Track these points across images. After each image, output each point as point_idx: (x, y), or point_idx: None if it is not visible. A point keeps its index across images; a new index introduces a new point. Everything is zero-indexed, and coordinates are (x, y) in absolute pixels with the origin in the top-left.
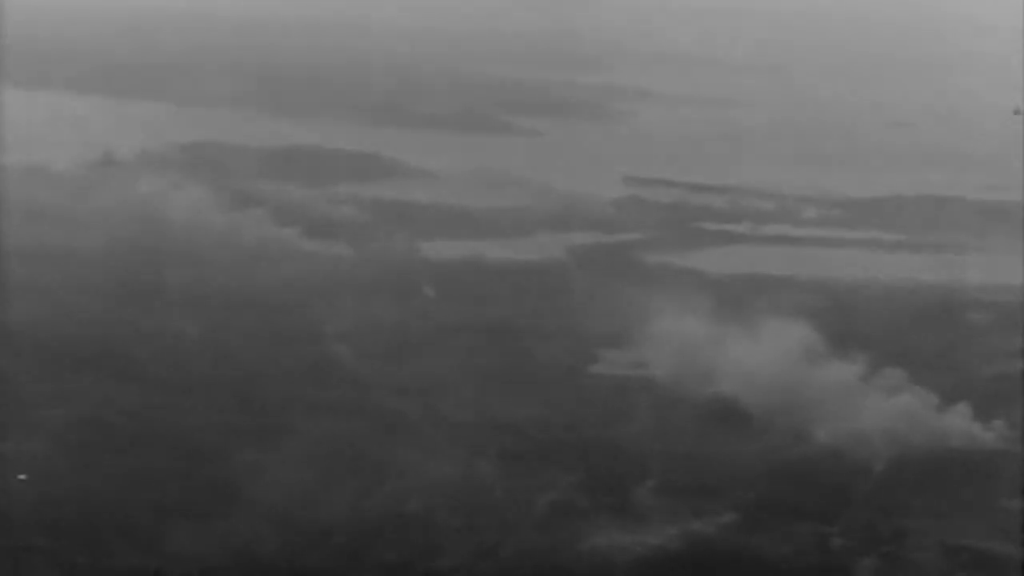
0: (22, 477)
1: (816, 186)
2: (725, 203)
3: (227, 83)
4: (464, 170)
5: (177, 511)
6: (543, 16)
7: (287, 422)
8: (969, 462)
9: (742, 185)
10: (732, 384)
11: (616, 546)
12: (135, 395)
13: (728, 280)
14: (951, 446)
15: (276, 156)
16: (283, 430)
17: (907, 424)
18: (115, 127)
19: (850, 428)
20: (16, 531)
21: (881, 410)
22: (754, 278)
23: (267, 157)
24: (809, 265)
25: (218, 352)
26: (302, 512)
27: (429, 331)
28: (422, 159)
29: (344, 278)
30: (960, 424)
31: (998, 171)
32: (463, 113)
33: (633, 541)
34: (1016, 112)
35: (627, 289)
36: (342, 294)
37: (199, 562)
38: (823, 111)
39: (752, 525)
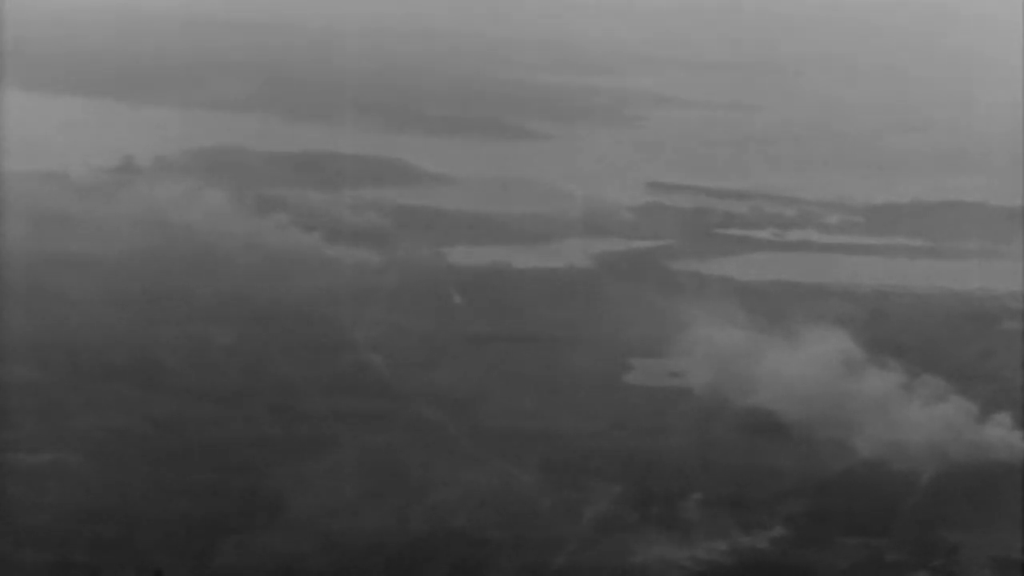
0: None
1: (836, 191)
2: (747, 209)
3: (241, 87)
4: (483, 176)
5: (221, 525)
6: (551, 20)
7: (324, 433)
8: (1013, 472)
9: (763, 190)
10: (769, 394)
11: (667, 561)
12: (168, 405)
13: (757, 287)
14: (994, 457)
15: (294, 161)
16: (321, 442)
17: (948, 435)
18: (131, 132)
19: (891, 439)
20: (56, 546)
21: (921, 420)
22: (783, 285)
23: (285, 162)
24: (837, 272)
25: (250, 361)
26: (346, 526)
27: (460, 340)
28: (439, 164)
29: (371, 285)
30: (1001, 434)
31: (1016, 176)
32: (478, 118)
33: (683, 556)
34: None
35: (656, 297)
36: (370, 301)
37: None
38: (837, 115)
39: (803, 539)
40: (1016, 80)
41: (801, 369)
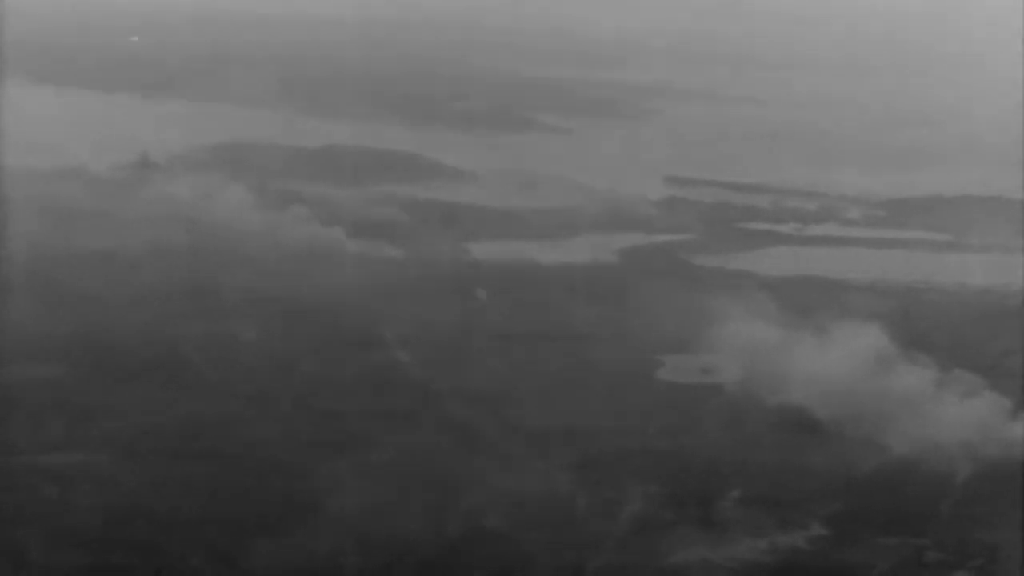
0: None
1: (855, 185)
2: (768, 203)
3: (255, 81)
4: (501, 170)
5: (254, 527)
6: (560, 12)
7: (356, 433)
8: None
9: (782, 184)
10: (801, 391)
11: (706, 561)
12: (196, 405)
13: (782, 283)
14: None
15: (311, 156)
16: (353, 441)
17: (982, 432)
18: (147, 127)
19: (925, 436)
20: (89, 548)
21: (954, 417)
22: (808, 280)
23: (302, 157)
24: (862, 267)
25: (277, 359)
26: (381, 527)
27: (487, 337)
28: (457, 158)
29: (395, 281)
30: None
31: None
32: (493, 111)
33: (722, 556)
34: None
35: (682, 292)
36: (396, 298)
37: None
38: (851, 108)
39: (843, 539)
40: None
41: (833, 365)
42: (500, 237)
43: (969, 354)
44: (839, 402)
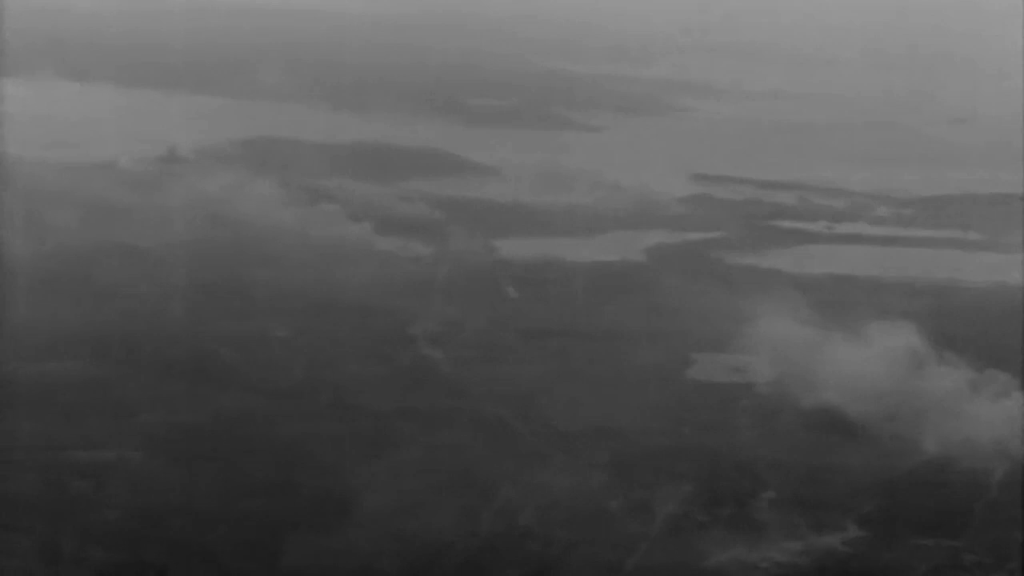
0: None
1: (883, 183)
2: (796, 201)
3: (282, 77)
4: (529, 167)
5: (291, 524)
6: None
7: (389, 430)
8: None
9: (810, 182)
10: (834, 390)
11: (742, 563)
12: (231, 401)
13: (812, 281)
14: None
15: (339, 152)
16: (386, 439)
17: (1016, 431)
18: (174, 122)
19: (960, 436)
20: (125, 545)
21: (987, 417)
22: (839, 279)
23: (330, 153)
24: (892, 266)
25: (310, 356)
26: (416, 526)
27: (518, 334)
28: (485, 155)
29: (424, 278)
30: None
31: None
32: (519, 108)
33: (758, 557)
34: None
35: (712, 290)
36: (425, 295)
37: None
38: (881, 106)
39: (879, 540)
40: None
41: (866, 365)
42: (528, 234)
43: (1002, 353)
44: (872, 402)
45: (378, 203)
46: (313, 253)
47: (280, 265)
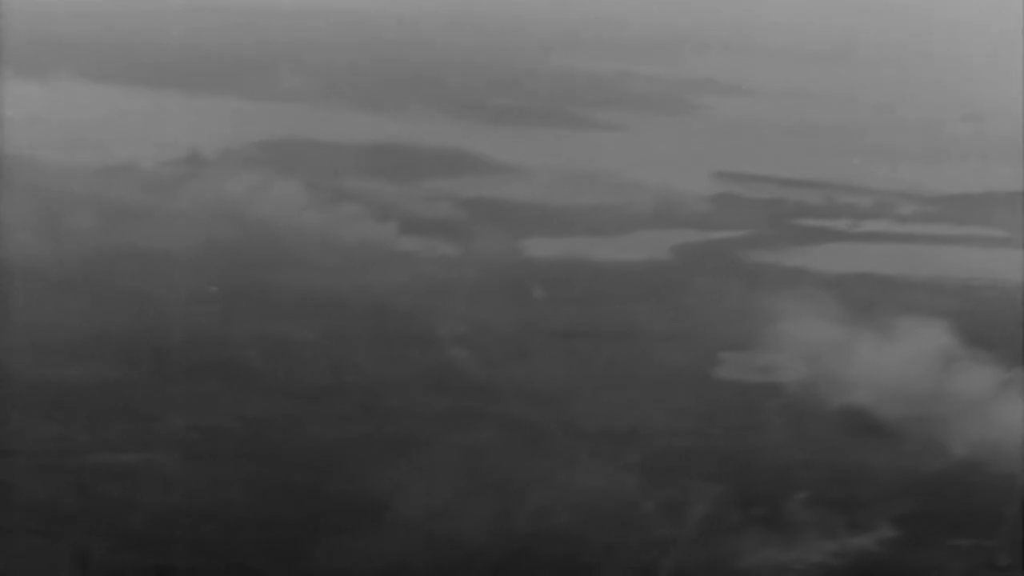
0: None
1: (906, 180)
2: (820, 199)
3: (303, 78)
4: (551, 166)
5: (321, 528)
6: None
7: (417, 432)
8: None
9: (833, 180)
10: (864, 390)
11: (776, 564)
12: (257, 404)
13: (839, 280)
14: None
15: (361, 152)
16: (415, 441)
17: None
18: (194, 123)
19: (990, 436)
20: (154, 549)
21: (1018, 416)
22: (865, 277)
23: (352, 153)
24: (918, 264)
25: (335, 358)
26: (448, 529)
27: (545, 335)
28: (507, 155)
29: (450, 278)
30: None
31: None
32: (539, 107)
33: (792, 559)
34: None
35: (739, 289)
36: (451, 295)
37: None
38: (897, 103)
39: (913, 541)
40: None
41: (895, 363)
42: (552, 233)
43: None
44: (902, 402)
45: (401, 203)
46: (337, 254)
47: (304, 267)
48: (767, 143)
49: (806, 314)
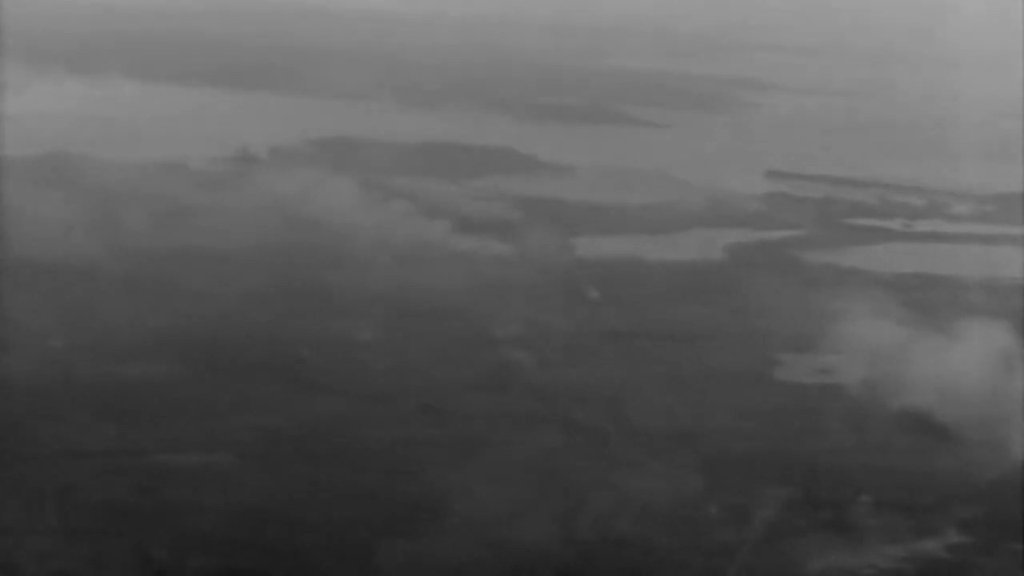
0: None
1: (957, 180)
2: (874, 198)
3: (353, 76)
4: (600, 165)
5: (386, 529)
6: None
7: (478, 434)
8: None
9: (885, 179)
10: (923, 391)
11: (846, 570)
12: (318, 405)
13: (895, 280)
14: None
15: (411, 151)
16: (475, 443)
17: None
18: (245, 121)
19: None
20: (218, 552)
21: None
22: (921, 277)
23: (403, 152)
24: (973, 264)
25: (394, 359)
26: (510, 532)
27: (601, 336)
28: (555, 153)
29: (504, 278)
30: None
31: None
32: (586, 106)
33: (861, 564)
34: None
35: (795, 289)
36: (506, 295)
37: None
38: (952, 102)
39: (981, 546)
40: None
41: (955, 365)
42: (604, 232)
43: None
44: (964, 404)
45: (453, 202)
46: (391, 253)
47: (359, 266)
48: (817, 141)
49: (864, 315)
